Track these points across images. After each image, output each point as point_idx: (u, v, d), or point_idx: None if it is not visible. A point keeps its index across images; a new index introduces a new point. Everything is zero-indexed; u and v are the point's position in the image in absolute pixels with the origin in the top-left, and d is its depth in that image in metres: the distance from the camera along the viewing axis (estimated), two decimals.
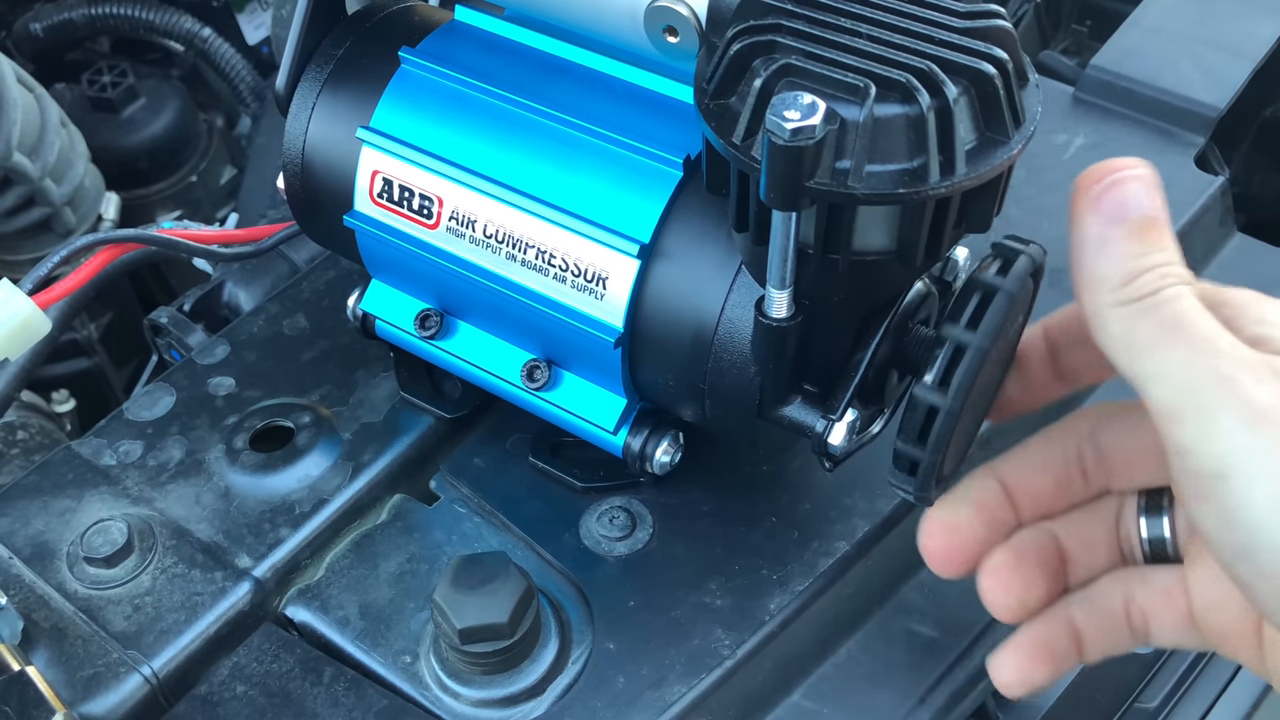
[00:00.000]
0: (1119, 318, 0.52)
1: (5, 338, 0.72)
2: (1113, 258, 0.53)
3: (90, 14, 1.42)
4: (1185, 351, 0.51)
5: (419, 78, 0.72)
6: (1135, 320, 0.52)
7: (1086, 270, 0.54)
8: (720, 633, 0.70)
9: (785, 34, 0.55)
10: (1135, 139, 0.94)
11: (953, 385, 0.57)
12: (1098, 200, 0.54)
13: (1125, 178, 0.54)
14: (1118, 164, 0.54)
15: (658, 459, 0.73)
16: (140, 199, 1.40)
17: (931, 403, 0.57)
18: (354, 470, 0.78)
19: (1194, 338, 0.51)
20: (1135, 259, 0.53)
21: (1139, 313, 0.52)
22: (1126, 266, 0.53)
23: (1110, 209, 0.53)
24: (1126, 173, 0.54)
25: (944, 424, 0.57)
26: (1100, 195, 0.54)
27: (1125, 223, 0.53)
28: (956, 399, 0.57)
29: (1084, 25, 1.16)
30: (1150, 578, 0.61)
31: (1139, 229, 0.53)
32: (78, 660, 0.70)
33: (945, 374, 0.57)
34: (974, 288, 0.58)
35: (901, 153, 0.53)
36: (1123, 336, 0.52)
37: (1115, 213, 0.53)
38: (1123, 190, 0.54)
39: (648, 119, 0.68)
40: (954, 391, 0.57)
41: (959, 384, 0.57)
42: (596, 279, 0.67)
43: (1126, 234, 0.53)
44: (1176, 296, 0.52)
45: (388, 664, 0.71)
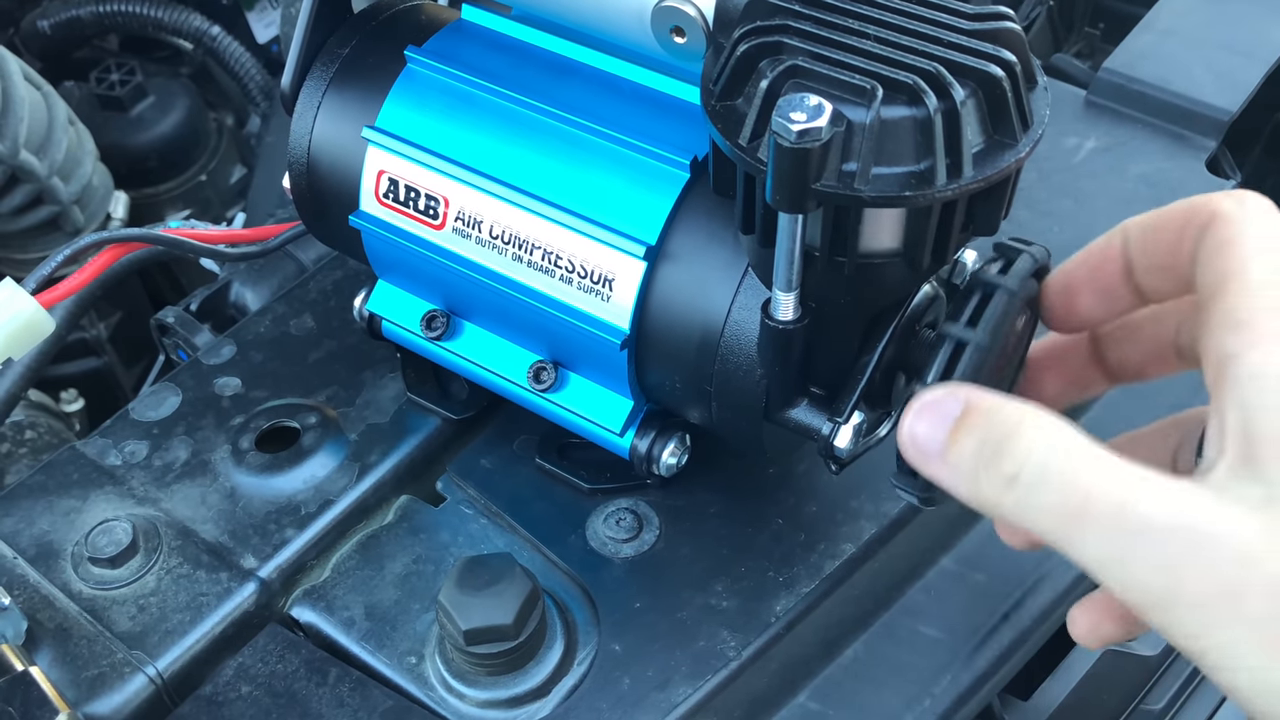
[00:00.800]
0: (1016, 517, 0.48)
1: (8, 337, 0.71)
2: (962, 469, 0.49)
3: (98, 11, 1.42)
4: (1102, 538, 0.46)
5: (425, 77, 0.72)
6: (1026, 512, 0.47)
7: (963, 498, 0.50)
8: (726, 634, 0.70)
9: (792, 35, 0.55)
10: (1147, 142, 0.94)
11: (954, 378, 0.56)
12: (919, 453, 0.51)
13: (913, 416, 0.51)
14: (905, 416, 0.51)
15: (664, 461, 0.73)
16: (149, 198, 1.40)
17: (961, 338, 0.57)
18: (360, 471, 0.78)
19: (1100, 510, 0.45)
20: (976, 452, 0.49)
21: (1021, 500, 0.47)
22: (975, 462, 0.49)
23: (930, 444, 0.50)
24: (910, 414, 0.51)
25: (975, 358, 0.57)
26: (918, 448, 0.51)
27: (946, 440, 0.50)
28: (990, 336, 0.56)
29: (1096, 28, 1.16)
30: None
31: (957, 431, 0.49)
32: (82, 660, 0.70)
33: (945, 372, 0.57)
34: (975, 286, 0.58)
35: (908, 155, 0.52)
36: (1038, 533, 0.47)
37: (935, 441, 0.50)
38: (918, 428, 0.51)
39: (654, 120, 0.67)
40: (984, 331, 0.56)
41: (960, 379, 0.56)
42: (603, 280, 0.67)
43: (954, 444, 0.49)
44: (1039, 457, 0.47)
45: (393, 665, 0.71)
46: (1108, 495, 0.45)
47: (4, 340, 0.70)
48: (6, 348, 0.70)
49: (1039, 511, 0.47)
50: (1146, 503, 0.45)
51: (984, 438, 0.49)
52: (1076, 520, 0.46)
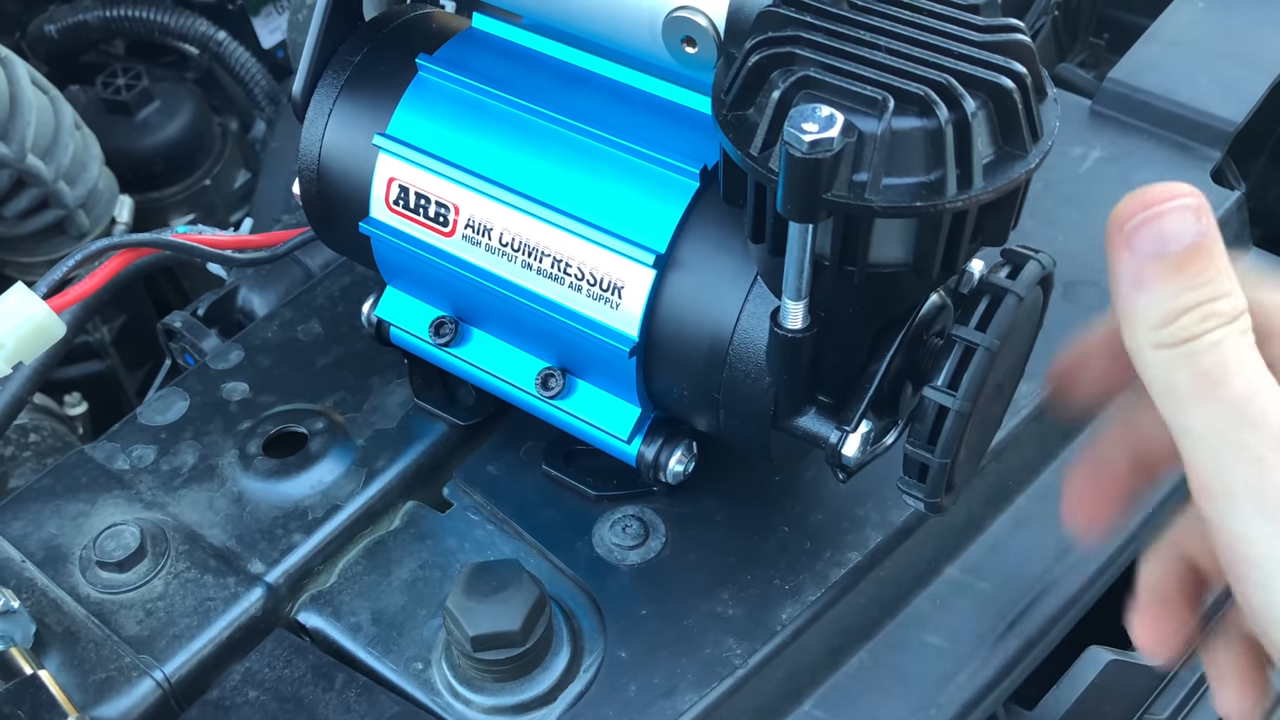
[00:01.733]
0: (1157, 362, 0.50)
1: (19, 341, 0.72)
2: (1150, 297, 0.50)
3: (105, 16, 1.42)
4: (1217, 414, 0.49)
5: (436, 85, 0.72)
6: (1173, 367, 0.50)
7: (1124, 309, 0.51)
8: (732, 642, 0.70)
9: (804, 46, 0.55)
10: (1152, 152, 0.94)
11: (963, 385, 0.57)
12: (1131, 236, 0.50)
13: (1164, 210, 0.50)
14: (1156, 194, 0.51)
15: (671, 468, 0.73)
16: (154, 202, 1.40)
17: (941, 403, 0.57)
18: (367, 477, 0.79)
19: (1230, 398, 0.48)
20: (1173, 298, 0.50)
21: (1177, 360, 0.49)
22: (1164, 307, 0.50)
23: (1146, 244, 0.50)
24: (1167, 204, 0.50)
25: (954, 424, 0.57)
26: (1135, 231, 0.50)
27: (1164, 258, 0.50)
28: (967, 399, 0.57)
29: (1101, 38, 1.16)
30: None
31: (1178, 264, 0.50)
32: (90, 664, 0.71)
33: (955, 375, 0.57)
34: (984, 290, 0.58)
35: (919, 166, 0.53)
36: (1161, 382, 0.50)
37: (1152, 247, 0.50)
38: (1160, 224, 0.50)
39: (664, 129, 0.68)
40: (964, 392, 0.57)
41: (969, 384, 0.57)
42: (612, 288, 0.67)
43: (1165, 270, 0.50)
44: (1217, 343, 0.49)
45: (399, 670, 0.71)
46: (1243, 389, 0.49)
47: (15, 344, 0.70)
48: (17, 352, 0.71)
49: (1184, 372, 0.50)
50: (1273, 407, 0.48)
51: (1194, 292, 0.50)
52: (1214, 387, 0.49)
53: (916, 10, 0.57)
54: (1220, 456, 0.49)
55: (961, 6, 0.57)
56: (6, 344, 0.70)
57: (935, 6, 0.57)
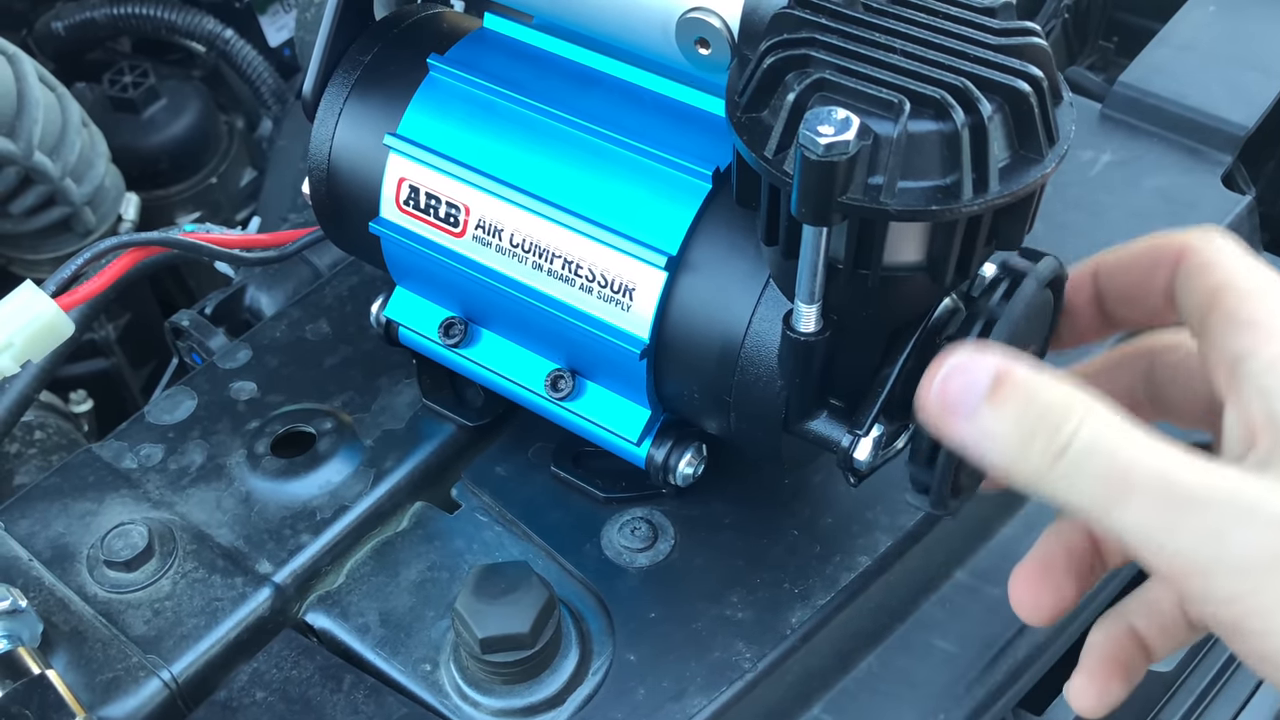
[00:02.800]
0: (1060, 489, 0.48)
1: (28, 340, 0.71)
2: (1002, 439, 0.49)
3: (112, 13, 1.42)
4: (1146, 507, 0.46)
5: (447, 85, 0.72)
6: (1072, 484, 0.48)
7: (999, 466, 0.49)
8: (741, 646, 0.70)
9: (819, 48, 0.55)
10: (1162, 156, 0.94)
11: None
12: (946, 411, 0.50)
13: (943, 374, 0.50)
14: (932, 372, 0.50)
15: (681, 471, 0.73)
16: (160, 200, 1.40)
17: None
18: (375, 477, 0.78)
19: (1146, 485, 0.46)
20: (1019, 423, 0.48)
21: (1068, 472, 0.48)
22: (1019, 433, 0.48)
23: (961, 405, 0.49)
24: (940, 372, 0.50)
25: (948, 453, 0.57)
26: (945, 406, 0.50)
27: (980, 405, 0.49)
28: None
29: (1110, 41, 1.16)
30: None
31: (995, 398, 0.49)
32: (97, 664, 0.70)
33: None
34: (978, 314, 0.58)
35: (935, 169, 0.52)
36: (1074, 505, 0.48)
37: (967, 404, 0.49)
38: (950, 386, 0.50)
39: (677, 131, 0.67)
40: None
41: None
42: (623, 290, 0.67)
43: (992, 410, 0.49)
44: (1088, 445, 0.47)
45: (407, 672, 0.71)
46: (1152, 468, 0.47)
47: (24, 342, 0.70)
48: (26, 350, 0.70)
49: (1086, 481, 0.48)
50: (1191, 476, 0.46)
51: (1026, 411, 0.49)
52: (1122, 492, 0.47)
53: (932, 13, 0.57)
54: (1178, 542, 0.46)
55: (977, 9, 0.57)
56: (15, 342, 0.70)
57: (951, 9, 0.57)
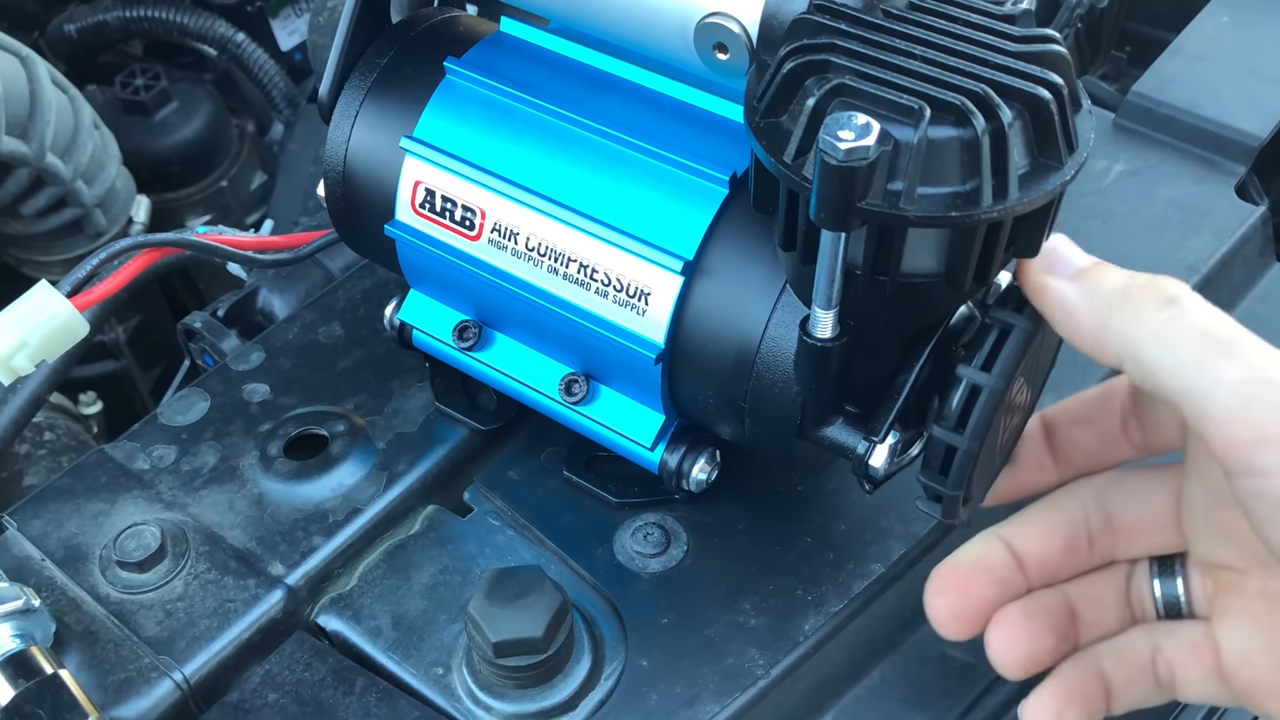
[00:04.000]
0: (1163, 335, 0.52)
1: (43, 339, 0.72)
2: (1108, 288, 0.55)
3: (125, 16, 1.42)
4: (1240, 371, 0.50)
5: (464, 88, 0.72)
6: (1175, 332, 0.52)
7: (1097, 316, 0.55)
8: (754, 652, 0.70)
9: (839, 54, 0.55)
10: (1176, 167, 0.94)
11: (970, 425, 0.57)
12: (1052, 267, 0.57)
13: (1051, 242, 0.58)
14: None
15: (694, 476, 0.72)
16: (170, 202, 1.41)
17: (949, 442, 0.58)
18: (388, 480, 0.78)
19: (1245, 346, 0.51)
20: (1126, 278, 0.55)
21: (1174, 320, 0.52)
22: (1123, 284, 0.55)
23: (1066, 264, 0.57)
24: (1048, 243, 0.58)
25: (962, 462, 0.58)
26: (1051, 263, 0.57)
27: (1082, 265, 0.57)
28: (974, 439, 0.57)
29: (1123, 51, 1.16)
30: (1177, 631, 0.61)
31: (1097, 266, 0.56)
32: (109, 664, 0.70)
33: (962, 414, 0.58)
34: (991, 325, 0.58)
35: (954, 176, 0.52)
36: (1172, 353, 0.52)
37: (1070, 263, 0.57)
38: (1055, 253, 0.58)
39: (694, 135, 0.67)
40: (971, 432, 0.57)
41: (976, 424, 0.57)
42: (639, 294, 0.67)
43: (1096, 269, 0.56)
44: (1189, 294, 0.53)
45: (419, 675, 0.70)
46: (1249, 340, 0.51)
47: (39, 343, 0.70)
48: (41, 350, 0.71)
49: (1188, 334, 0.52)
50: None
51: (1129, 276, 0.55)
52: (1225, 348, 0.51)
53: (952, 20, 0.57)
54: (1257, 411, 0.50)
55: (997, 16, 0.57)
56: (30, 342, 0.70)
57: (971, 16, 0.57)
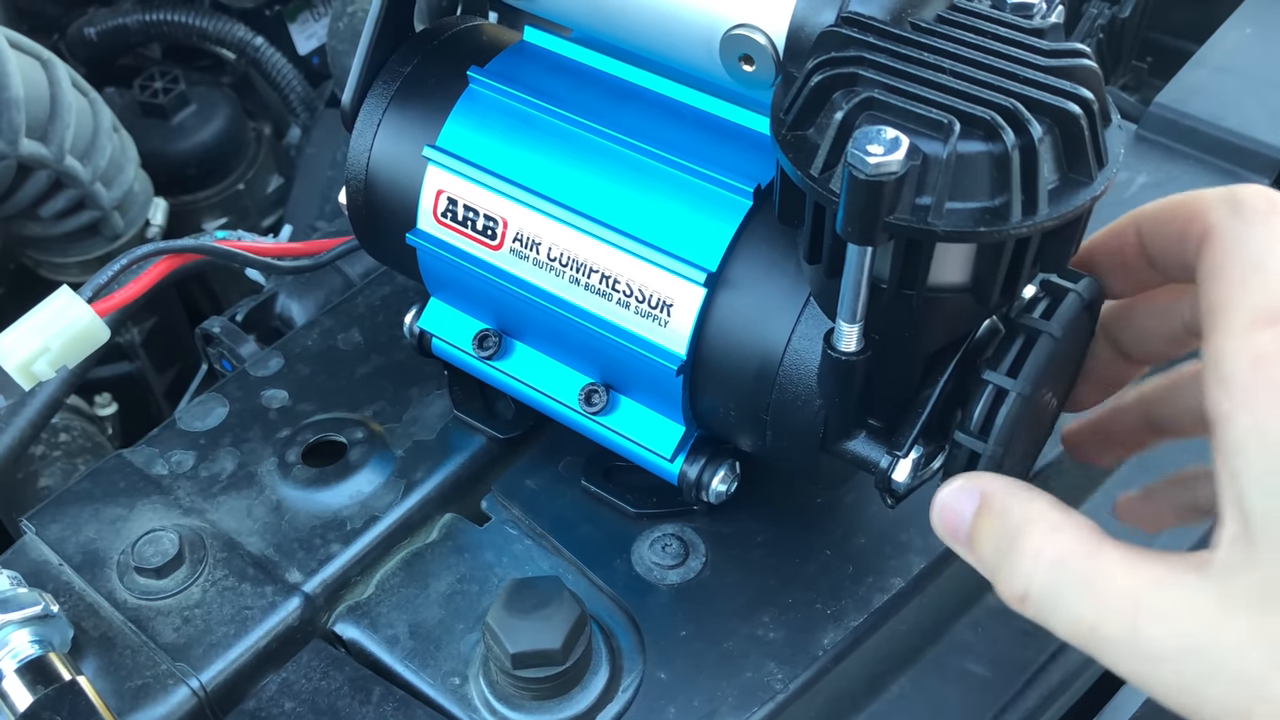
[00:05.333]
0: (1042, 620, 0.51)
1: (65, 345, 0.72)
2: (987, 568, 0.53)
3: (144, 20, 1.43)
4: (1121, 656, 0.48)
5: (487, 98, 0.72)
6: (1050, 619, 0.50)
7: None
8: (773, 666, 0.69)
9: (867, 67, 0.54)
10: (1198, 178, 0.93)
11: (994, 431, 0.57)
12: (951, 540, 0.55)
13: (935, 512, 0.56)
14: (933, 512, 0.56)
15: (714, 488, 0.72)
16: (187, 205, 1.41)
17: (972, 448, 0.57)
18: (406, 488, 0.78)
19: (1113, 633, 0.48)
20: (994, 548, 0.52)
21: (1042, 610, 0.51)
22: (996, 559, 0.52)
23: (955, 536, 0.55)
24: (935, 507, 0.56)
25: (986, 469, 0.57)
26: (947, 537, 0.55)
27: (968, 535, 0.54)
28: (998, 445, 0.57)
29: (1144, 62, 1.16)
30: None
31: (975, 525, 0.54)
32: (126, 670, 0.70)
33: (986, 420, 0.57)
34: (1018, 331, 0.58)
35: (983, 191, 0.52)
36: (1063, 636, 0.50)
37: (959, 535, 0.55)
38: (942, 515, 0.55)
39: (718, 146, 0.67)
40: (995, 438, 0.57)
41: (1000, 430, 0.57)
42: (661, 306, 0.66)
43: (976, 541, 0.54)
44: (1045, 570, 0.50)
45: (436, 685, 0.70)
46: (1116, 621, 0.48)
47: (60, 348, 0.70)
48: (62, 355, 0.71)
49: (1056, 627, 0.50)
50: (1154, 629, 0.47)
51: (996, 542, 0.52)
52: (1091, 643, 0.49)
53: (981, 33, 0.56)
54: (1153, 691, 0.48)
55: (1026, 30, 0.56)
56: (52, 347, 0.70)
57: (1000, 30, 0.56)
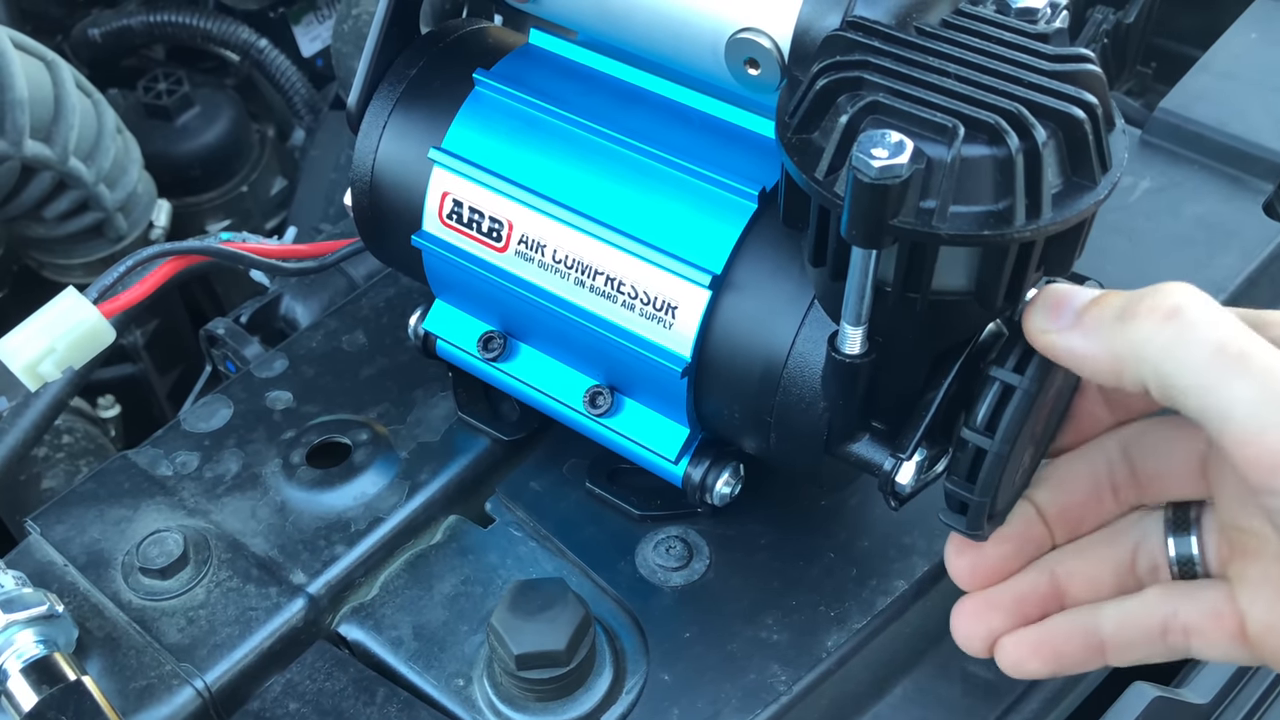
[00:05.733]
0: (1169, 352, 0.50)
1: (70, 346, 0.72)
2: (1110, 311, 0.53)
3: (149, 21, 1.43)
4: (1255, 389, 0.48)
5: (493, 100, 0.72)
6: (1182, 348, 0.50)
7: (1102, 343, 0.53)
8: (777, 668, 0.69)
9: (872, 71, 0.54)
10: (1203, 184, 0.94)
11: (1000, 428, 0.57)
12: (1053, 311, 0.55)
13: (1041, 295, 0.56)
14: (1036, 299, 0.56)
15: (718, 490, 0.72)
16: (191, 207, 1.41)
17: (979, 445, 0.57)
18: (410, 489, 0.78)
19: (1260, 361, 0.48)
20: (1127, 299, 0.53)
21: (1180, 334, 0.50)
22: (1126, 304, 0.53)
23: (1066, 307, 0.55)
24: (1040, 296, 0.56)
25: (992, 466, 0.57)
26: (1051, 309, 0.55)
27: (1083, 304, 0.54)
28: (1005, 442, 0.57)
29: (1149, 67, 1.16)
30: (1198, 595, 0.59)
31: (1097, 300, 0.54)
32: (130, 671, 0.70)
33: (993, 416, 0.57)
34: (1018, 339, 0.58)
35: (987, 194, 0.52)
36: (1179, 371, 0.50)
37: (1071, 305, 0.55)
38: (1050, 293, 0.56)
39: (723, 150, 0.67)
40: (1001, 434, 0.57)
41: (1007, 427, 0.57)
42: (666, 308, 0.67)
43: (1096, 304, 0.54)
44: (1197, 304, 0.50)
45: (440, 686, 0.70)
46: (1263, 351, 0.48)
47: (66, 349, 0.71)
48: (68, 356, 0.71)
49: (1199, 344, 0.49)
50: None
51: (1129, 297, 0.52)
52: (1238, 362, 0.48)
53: (985, 38, 0.56)
54: (1276, 431, 0.48)
55: (1031, 35, 0.57)
56: (58, 348, 0.71)
57: (1004, 35, 0.57)
